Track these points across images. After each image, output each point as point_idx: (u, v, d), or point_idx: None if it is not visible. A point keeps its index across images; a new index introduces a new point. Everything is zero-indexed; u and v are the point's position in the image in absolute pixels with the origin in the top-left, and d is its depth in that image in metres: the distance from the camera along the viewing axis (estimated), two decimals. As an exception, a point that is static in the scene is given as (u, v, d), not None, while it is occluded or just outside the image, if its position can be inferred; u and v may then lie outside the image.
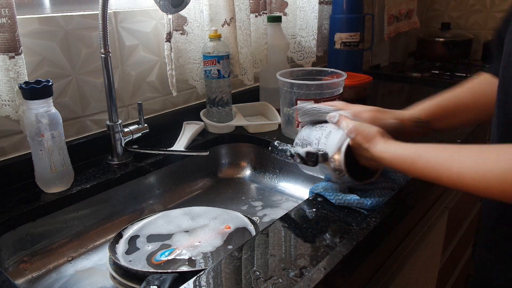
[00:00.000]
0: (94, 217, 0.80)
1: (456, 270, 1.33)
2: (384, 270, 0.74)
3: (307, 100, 0.93)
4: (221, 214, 0.76)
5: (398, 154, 0.58)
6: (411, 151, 0.57)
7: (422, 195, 0.76)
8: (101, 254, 0.76)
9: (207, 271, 0.52)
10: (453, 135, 0.94)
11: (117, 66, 0.93)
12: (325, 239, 0.58)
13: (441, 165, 0.52)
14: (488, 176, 0.47)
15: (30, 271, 0.71)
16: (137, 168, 0.86)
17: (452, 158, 0.52)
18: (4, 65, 0.71)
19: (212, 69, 0.98)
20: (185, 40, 1.01)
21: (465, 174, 0.49)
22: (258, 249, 0.56)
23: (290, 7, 1.26)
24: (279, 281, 0.50)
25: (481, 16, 1.89)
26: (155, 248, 0.67)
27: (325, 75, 1.03)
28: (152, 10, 0.97)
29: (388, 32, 1.75)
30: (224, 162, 1.05)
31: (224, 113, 1.03)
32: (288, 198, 0.94)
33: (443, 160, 0.52)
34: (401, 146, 0.59)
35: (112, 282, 0.64)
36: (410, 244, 0.83)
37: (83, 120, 0.90)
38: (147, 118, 0.99)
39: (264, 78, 1.19)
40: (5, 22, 0.69)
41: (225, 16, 1.01)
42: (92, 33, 0.87)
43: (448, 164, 0.51)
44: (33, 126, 0.71)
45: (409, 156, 0.57)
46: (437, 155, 0.53)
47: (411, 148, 0.57)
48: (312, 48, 1.33)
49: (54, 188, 0.75)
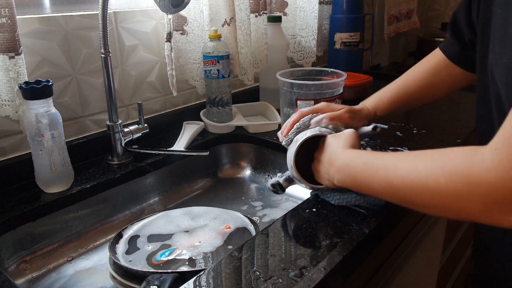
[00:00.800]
0: (94, 217, 0.80)
1: (456, 270, 1.33)
2: (384, 270, 0.74)
3: (307, 100, 0.93)
4: (221, 214, 0.76)
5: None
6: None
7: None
8: (101, 254, 0.76)
9: (207, 271, 0.52)
10: (453, 134, 0.94)
11: (117, 66, 0.93)
12: (325, 239, 0.58)
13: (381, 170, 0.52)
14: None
15: (30, 271, 0.71)
16: (137, 168, 0.86)
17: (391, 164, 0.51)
18: (4, 65, 0.71)
19: (212, 69, 0.98)
20: (185, 40, 1.01)
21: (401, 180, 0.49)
22: (258, 249, 0.56)
23: (290, 7, 1.26)
24: (279, 281, 0.50)
25: (481, 16, 1.88)
26: (155, 248, 0.67)
27: (325, 75, 1.03)
28: (152, 10, 0.97)
29: (388, 32, 1.75)
30: (224, 162, 1.05)
31: (224, 113, 1.03)
32: (288, 198, 0.94)
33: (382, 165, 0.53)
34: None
35: (112, 282, 0.64)
36: (410, 244, 0.83)
37: (83, 120, 0.90)
38: (147, 118, 0.99)
39: (264, 78, 1.19)
40: (5, 22, 0.69)
41: (225, 16, 1.01)
42: (92, 33, 0.87)
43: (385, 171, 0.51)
44: (33, 126, 0.71)
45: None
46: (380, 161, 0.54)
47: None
48: (312, 48, 1.33)
49: (54, 188, 0.75)
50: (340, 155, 0.60)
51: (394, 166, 0.49)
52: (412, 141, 0.91)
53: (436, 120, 1.04)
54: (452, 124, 1.01)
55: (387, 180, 0.50)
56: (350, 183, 0.58)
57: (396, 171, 0.48)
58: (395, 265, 0.77)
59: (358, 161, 0.57)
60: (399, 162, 0.49)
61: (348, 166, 0.58)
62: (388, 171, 0.50)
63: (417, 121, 1.03)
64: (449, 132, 0.96)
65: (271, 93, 1.16)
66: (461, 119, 1.05)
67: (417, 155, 0.48)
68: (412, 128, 0.99)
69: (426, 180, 0.44)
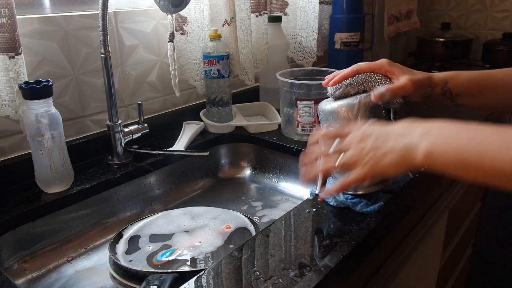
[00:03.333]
0: (94, 217, 0.80)
1: (456, 270, 1.33)
2: (384, 270, 0.74)
3: (307, 100, 0.93)
4: (221, 214, 0.76)
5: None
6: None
7: (422, 195, 0.76)
8: (101, 254, 0.76)
9: (207, 271, 0.52)
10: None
11: (117, 66, 0.93)
12: (325, 239, 0.58)
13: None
14: None
15: (30, 271, 0.71)
16: (137, 168, 0.86)
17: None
18: (4, 65, 0.71)
19: (212, 69, 0.98)
20: (185, 40, 1.01)
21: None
22: (258, 249, 0.56)
23: (290, 7, 1.26)
24: (279, 281, 0.50)
25: (481, 16, 1.89)
26: (155, 248, 0.67)
27: (325, 75, 1.02)
28: (152, 10, 0.97)
29: (388, 32, 1.75)
30: (224, 162, 1.05)
31: (224, 113, 1.03)
32: (288, 198, 0.94)
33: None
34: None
35: (112, 282, 0.64)
36: (410, 244, 0.83)
37: (83, 120, 0.90)
38: (147, 118, 0.99)
39: (264, 78, 1.19)
40: (5, 22, 0.69)
41: (226, 16, 1.01)
42: (92, 33, 0.87)
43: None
44: (33, 126, 0.71)
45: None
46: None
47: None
48: (312, 48, 1.33)
49: (54, 188, 0.75)
50: (434, 123, 0.49)
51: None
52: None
53: (436, 120, 1.04)
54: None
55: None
56: (452, 158, 0.46)
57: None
58: (395, 265, 0.77)
59: (472, 130, 0.46)
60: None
61: (454, 138, 0.47)
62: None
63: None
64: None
65: (271, 93, 1.16)
66: (461, 119, 1.05)
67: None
68: (412, 128, 0.99)
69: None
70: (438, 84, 0.67)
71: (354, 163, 0.55)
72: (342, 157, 0.56)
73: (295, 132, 0.97)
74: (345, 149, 0.57)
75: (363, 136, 0.55)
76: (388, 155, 0.52)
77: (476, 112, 1.08)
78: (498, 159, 0.43)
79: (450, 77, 0.67)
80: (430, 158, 0.48)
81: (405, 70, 0.66)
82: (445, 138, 0.47)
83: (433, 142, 0.48)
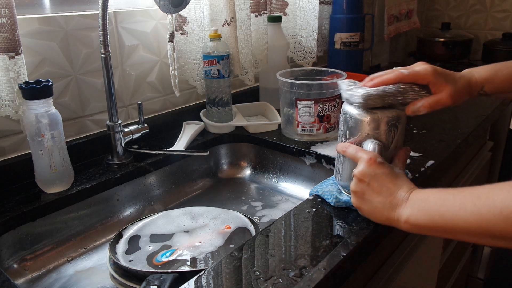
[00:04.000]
0: (94, 217, 0.80)
1: (456, 270, 1.33)
2: (384, 270, 0.74)
3: (307, 100, 0.93)
4: (221, 214, 0.76)
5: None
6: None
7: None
8: (101, 254, 0.76)
9: (207, 271, 0.52)
10: (453, 134, 0.94)
11: (117, 66, 0.93)
12: (325, 239, 0.58)
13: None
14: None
15: (30, 271, 0.71)
16: (137, 168, 0.86)
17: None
18: (4, 65, 0.71)
19: (212, 69, 0.98)
20: (185, 40, 1.01)
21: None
22: (258, 249, 0.56)
23: (290, 7, 1.26)
24: (279, 281, 0.50)
25: (481, 16, 1.89)
26: (155, 248, 0.67)
27: (325, 75, 1.03)
28: (152, 10, 0.97)
29: (388, 32, 1.75)
30: (224, 162, 1.05)
31: (224, 113, 1.03)
32: (288, 198, 0.94)
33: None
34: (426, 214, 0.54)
35: (112, 282, 0.64)
36: (410, 244, 0.83)
37: (83, 120, 0.90)
38: (147, 118, 0.99)
39: (264, 78, 1.19)
40: (5, 22, 0.69)
41: (226, 16, 1.01)
42: (92, 33, 0.87)
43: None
44: (33, 126, 0.71)
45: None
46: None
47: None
48: (312, 48, 1.33)
49: (54, 188, 0.75)
50: (414, 192, 0.56)
51: (487, 198, 0.47)
52: (412, 141, 0.91)
53: (436, 120, 1.04)
54: (452, 124, 1.01)
55: (479, 214, 0.47)
56: (423, 221, 0.53)
57: (490, 203, 0.46)
58: (395, 265, 0.77)
59: (436, 196, 0.53)
60: (490, 192, 0.47)
61: (425, 202, 0.54)
62: (477, 204, 0.47)
63: (417, 121, 1.03)
64: (449, 132, 0.96)
65: (271, 93, 1.16)
66: (461, 119, 1.05)
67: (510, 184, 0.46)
68: (412, 128, 0.99)
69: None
70: (475, 89, 0.68)
71: (350, 185, 0.62)
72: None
73: (295, 132, 0.97)
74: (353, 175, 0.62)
75: (364, 174, 0.59)
76: (374, 203, 0.59)
77: (473, 112, 1.08)
78: (455, 218, 0.49)
79: (487, 80, 0.68)
80: (407, 223, 0.55)
81: (449, 80, 0.64)
82: (418, 204, 0.54)
83: (411, 208, 0.55)
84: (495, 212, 0.45)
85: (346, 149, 0.63)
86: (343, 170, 0.67)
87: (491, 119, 1.12)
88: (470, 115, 1.06)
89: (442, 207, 0.51)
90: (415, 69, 0.63)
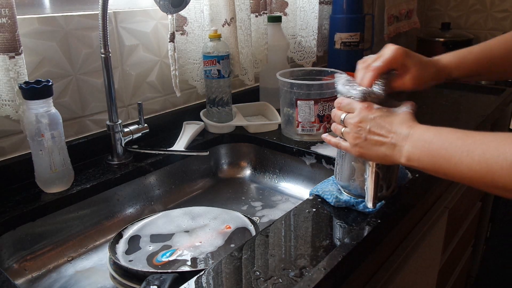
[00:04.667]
0: (94, 217, 0.80)
1: (456, 270, 1.33)
2: (384, 270, 0.74)
3: (307, 100, 0.93)
4: (221, 214, 0.76)
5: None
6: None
7: (422, 195, 0.76)
8: (101, 254, 0.76)
9: (207, 271, 0.52)
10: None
11: (117, 66, 0.93)
12: (325, 239, 0.58)
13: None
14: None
15: (30, 271, 0.71)
16: (137, 168, 0.86)
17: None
18: (4, 65, 0.71)
19: (212, 69, 0.98)
20: (185, 40, 1.01)
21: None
22: (258, 249, 0.56)
23: (290, 7, 1.26)
24: (279, 281, 0.50)
25: (481, 16, 1.89)
26: (155, 248, 0.67)
27: (325, 75, 1.03)
28: (152, 10, 0.97)
29: (388, 32, 1.75)
30: (224, 162, 1.05)
31: (224, 113, 1.03)
32: (288, 198, 0.94)
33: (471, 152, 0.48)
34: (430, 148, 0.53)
35: (112, 282, 0.64)
36: (410, 244, 0.83)
37: (83, 120, 0.90)
38: (147, 118, 0.99)
39: (264, 78, 1.19)
40: (5, 22, 0.69)
41: (226, 16, 1.01)
42: (92, 33, 0.87)
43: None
44: (33, 126, 0.71)
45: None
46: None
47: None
48: (312, 48, 1.33)
49: (54, 188, 0.75)
50: (416, 128, 0.55)
51: (496, 150, 0.46)
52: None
53: (436, 120, 1.04)
54: (452, 124, 1.01)
55: (486, 164, 0.46)
56: (426, 162, 0.53)
57: (500, 155, 0.45)
58: (395, 265, 0.77)
59: (442, 138, 0.52)
60: (501, 144, 0.46)
61: (429, 143, 0.52)
62: (486, 154, 0.46)
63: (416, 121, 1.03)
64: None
65: (271, 93, 1.16)
66: (461, 119, 1.05)
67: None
68: (412, 128, 0.99)
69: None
70: (442, 75, 0.69)
71: (348, 138, 0.62)
72: (343, 129, 0.63)
73: (295, 132, 0.97)
74: (345, 124, 0.62)
75: (362, 119, 0.59)
76: (377, 146, 0.58)
77: (472, 112, 1.08)
78: (459, 163, 0.49)
79: (455, 66, 0.69)
80: (409, 161, 0.55)
81: (416, 63, 0.64)
82: (422, 144, 0.53)
83: (412, 147, 0.54)
84: (504, 165, 0.45)
85: (341, 102, 0.63)
86: (343, 170, 0.67)
87: (491, 119, 1.12)
88: (470, 115, 1.06)
89: (448, 150, 0.50)
90: (387, 57, 0.62)
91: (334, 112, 0.65)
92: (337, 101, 0.65)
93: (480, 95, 1.24)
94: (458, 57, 0.70)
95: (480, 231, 1.53)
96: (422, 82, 0.65)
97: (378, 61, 0.62)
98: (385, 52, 0.63)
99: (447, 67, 0.69)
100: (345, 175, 0.67)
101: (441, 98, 1.24)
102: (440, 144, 0.51)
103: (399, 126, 0.56)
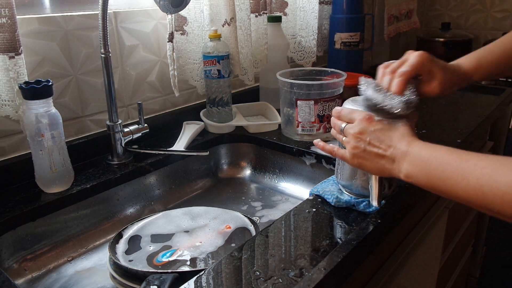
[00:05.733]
0: (94, 217, 0.80)
1: (456, 270, 1.33)
2: (384, 270, 0.74)
3: (307, 100, 0.93)
4: (221, 214, 0.76)
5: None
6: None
7: (422, 195, 0.76)
8: (101, 254, 0.76)
9: (207, 271, 0.52)
10: (453, 134, 0.94)
11: (117, 66, 0.93)
12: (325, 239, 0.58)
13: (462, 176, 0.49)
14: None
15: (30, 271, 0.71)
16: (137, 168, 0.86)
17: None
18: (4, 65, 0.71)
19: (212, 69, 0.98)
20: (185, 40, 1.01)
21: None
22: (258, 249, 0.56)
23: (290, 7, 1.26)
24: (279, 281, 0.50)
25: (481, 16, 1.89)
26: (155, 248, 0.67)
27: (325, 75, 1.03)
28: (152, 10, 0.97)
29: (388, 32, 1.75)
30: (224, 162, 1.05)
31: (224, 113, 1.03)
32: (288, 198, 0.94)
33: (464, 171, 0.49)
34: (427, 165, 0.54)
35: (112, 282, 0.64)
36: (410, 244, 0.83)
37: (83, 120, 0.90)
38: (147, 118, 0.99)
39: (264, 78, 1.19)
40: (5, 22, 0.69)
41: (226, 16, 1.01)
42: (92, 33, 0.87)
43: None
44: (33, 126, 0.71)
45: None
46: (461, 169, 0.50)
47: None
48: (312, 48, 1.33)
49: (54, 188, 0.75)
50: (414, 145, 0.55)
51: (490, 177, 0.46)
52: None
53: (436, 120, 1.04)
54: (452, 124, 1.01)
55: (481, 191, 0.47)
56: (424, 181, 0.53)
57: (494, 184, 0.46)
58: (395, 265, 0.77)
59: (439, 159, 0.52)
60: (495, 172, 0.46)
61: (426, 163, 0.53)
62: (481, 181, 0.47)
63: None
64: (449, 132, 0.96)
65: (271, 93, 1.16)
66: (461, 119, 1.05)
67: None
68: (412, 128, 0.99)
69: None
70: (464, 80, 0.69)
71: (347, 147, 0.62)
72: (343, 138, 0.63)
73: (295, 132, 0.97)
74: (345, 134, 0.62)
75: (362, 131, 0.59)
76: (377, 158, 0.58)
77: (473, 112, 1.08)
78: (455, 186, 0.50)
79: (475, 69, 0.69)
80: (408, 178, 0.55)
81: (441, 68, 0.64)
82: (418, 162, 0.54)
83: (410, 165, 0.55)
84: (497, 194, 0.45)
85: (340, 112, 0.63)
86: (344, 169, 0.67)
87: (491, 119, 1.12)
88: (470, 115, 1.06)
89: (444, 172, 0.51)
90: (413, 62, 0.61)
91: (333, 122, 0.65)
92: (336, 110, 0.65)
93: (480, 95, 1.24)
94: (477, 60, 0.70)
95: (480, 231, 1.53)
96: (447, 87, 0.65)
97: (405, 66, 0.61)
98: (410, 57, 0.62)
99: (468, 72, 0.69)
100: (346, 175, 0.67)
101: (441, 98, 1.24)
102: (437, 165, 0.52)
103: (398, 141, 0.57)
